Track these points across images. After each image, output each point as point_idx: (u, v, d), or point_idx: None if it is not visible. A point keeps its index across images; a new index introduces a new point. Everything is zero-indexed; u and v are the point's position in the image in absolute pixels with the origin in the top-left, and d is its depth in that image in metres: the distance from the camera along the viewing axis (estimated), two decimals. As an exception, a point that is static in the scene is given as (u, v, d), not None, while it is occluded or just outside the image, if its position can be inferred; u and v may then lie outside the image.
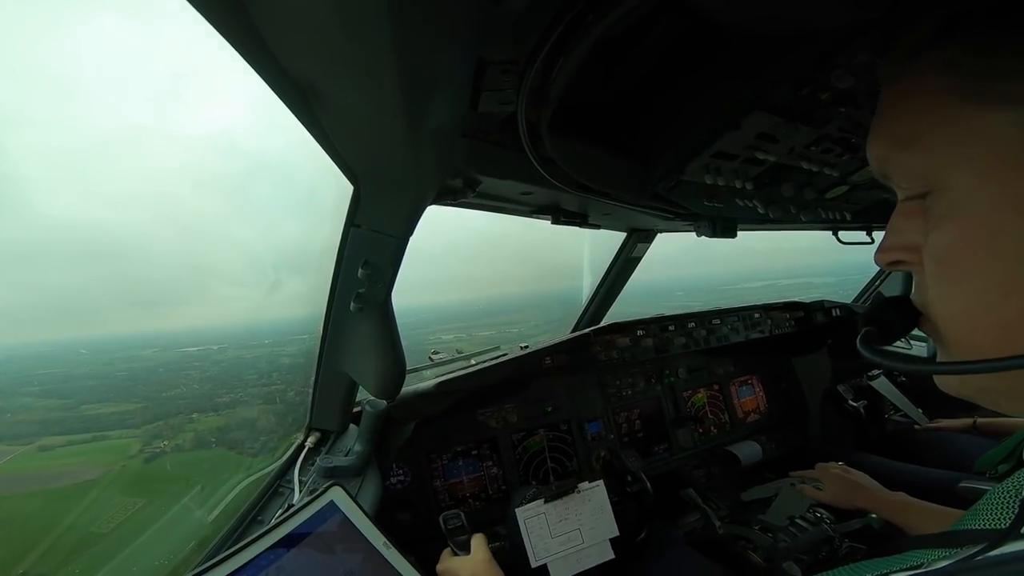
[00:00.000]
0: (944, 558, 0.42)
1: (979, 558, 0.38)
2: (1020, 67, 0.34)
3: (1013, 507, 0.40)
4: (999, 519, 0.41)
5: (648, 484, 1.50)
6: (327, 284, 1.16)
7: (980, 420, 1.85)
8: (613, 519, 1.29)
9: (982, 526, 0.42)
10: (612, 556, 1.27)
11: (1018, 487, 0.41)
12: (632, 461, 1.53)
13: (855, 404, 1.99)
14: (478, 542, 1.09)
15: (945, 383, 0.44)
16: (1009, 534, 0.37)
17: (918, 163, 0.40)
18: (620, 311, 2.31)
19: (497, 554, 1.07)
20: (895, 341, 0.46)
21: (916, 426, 1.97)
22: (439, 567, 1.08)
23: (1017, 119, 0.34)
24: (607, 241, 2.04)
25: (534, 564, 1.22)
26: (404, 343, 1.25)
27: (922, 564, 0.44)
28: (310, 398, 1.36)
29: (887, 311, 0.48)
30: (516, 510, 1.25)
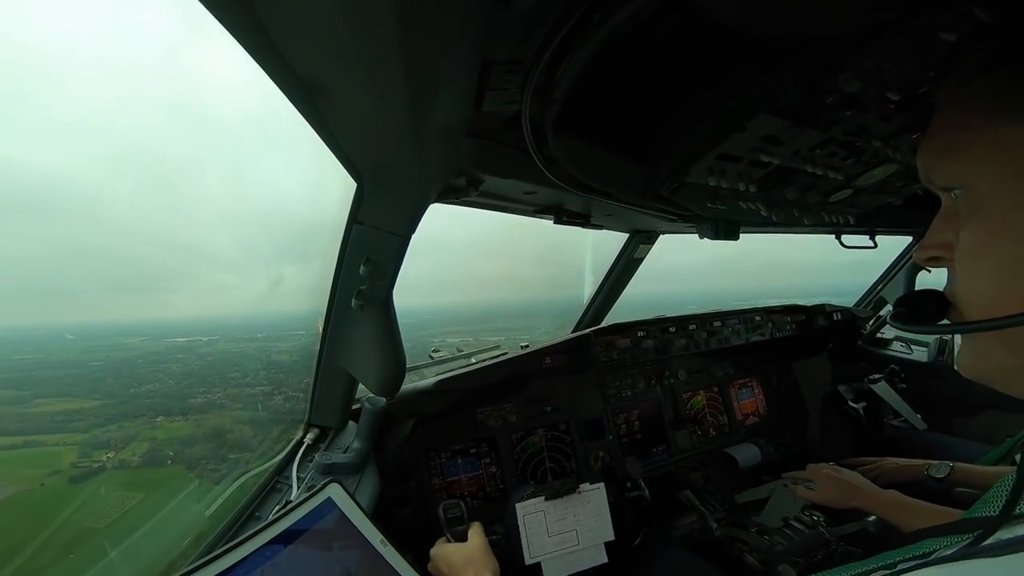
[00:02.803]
0: (954, 544, 0.47)
1: (987, 543, 0.42)
2: None
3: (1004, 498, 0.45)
4: (996, 508, 0.46)
5: (647, 491, 1.50)
6: (326, 280, 1.16)
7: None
8: (610, 523, 1.28)
9: (991, 513, 0.47)
10: (605, 560, 1.26)
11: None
12: (634, 468, 1.52)
13: (855, 405, 2.00)
14: (476, 530, 1.09)
15: (964, 364, 0.49)
16: (1000, 523, 0.42)
17: (956, 167, 0.47)
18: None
19: (492, 547, 1.07)
20: (922, 326, 0.51)
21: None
22: (433, 551, 1.08)
23: None
24: (610, 241, 2.04)
25: (528, 562, 1.21)
26: (406, 345, 1.25)
27: (934, 551, 0.48)
28: (310, 394, 1.36)
29: (921, 298, 0.53)
30: (516, 505, 1.24)
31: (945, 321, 0.50)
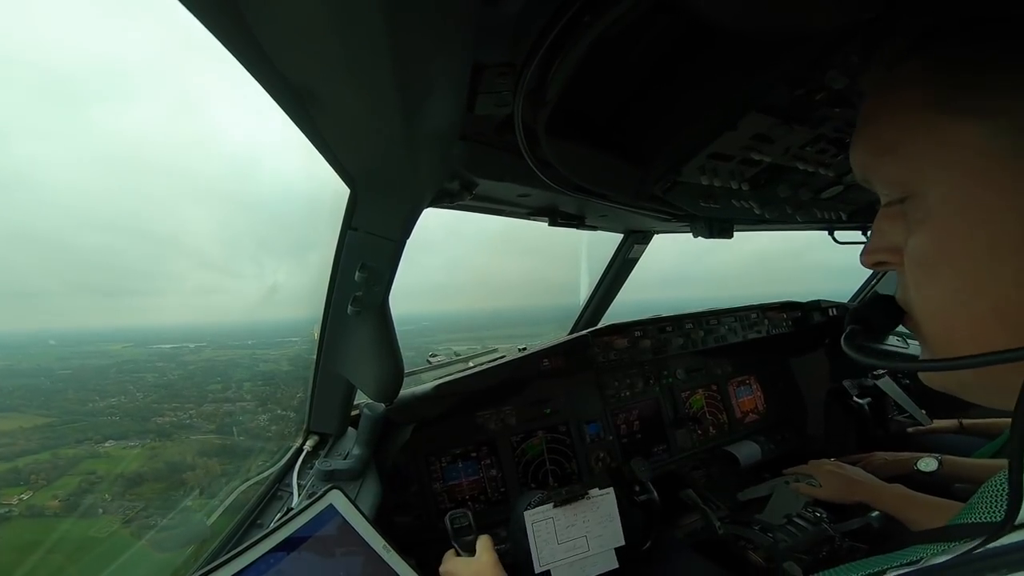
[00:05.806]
0: (943, 552, 0.44)
1: (979, 551, 0.39)
2: (992, 82, 0.36)
3: (1004, 500, 0.41)
4: (994, 512, 0.43)
5: (656, 495, 1.49)
6: (322, 285, 1.16)
7: (966, 422, 1.88)
8: (620, 529, 1.27)
9: (978, 519, 0.45)
10: (616, 566, 1.25)
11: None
12: (641, 470, 1.51)
13: (860, 401, 2.00)
14: (484, 544, 1.06)
15: (928, 378, 0.46)
16: (1004, 526, 0.38)
17: (896, 170, 0.42)
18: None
19: (500, 557, 1.06)
20: (881, 338, 0.48)
21: (908, 429, 1.98)
22: (442, 568, 1.07)
23: (989, 132, 0.36)
24: (607, 241, 2.05)
25: (538, 570, 1.19)
26: (409, 353, 1.24)
27: (921, 559, 0.45)
28: (307, 401, 1.36)
29: (873, 310, 0.50)
30: (524, 513, 1.22)
31: (921, 356, 0.46)
